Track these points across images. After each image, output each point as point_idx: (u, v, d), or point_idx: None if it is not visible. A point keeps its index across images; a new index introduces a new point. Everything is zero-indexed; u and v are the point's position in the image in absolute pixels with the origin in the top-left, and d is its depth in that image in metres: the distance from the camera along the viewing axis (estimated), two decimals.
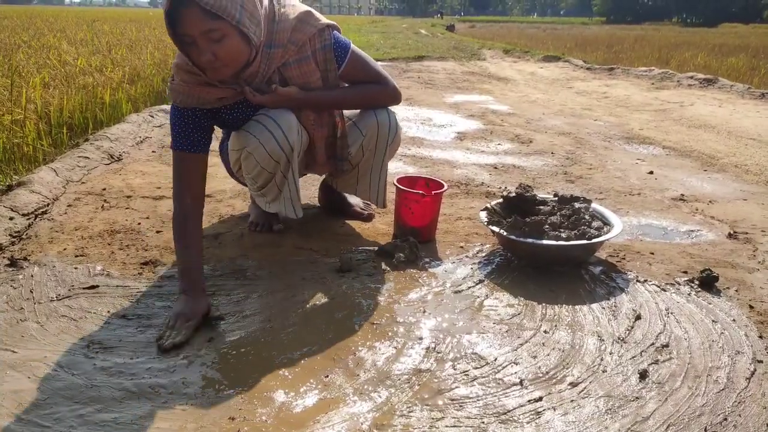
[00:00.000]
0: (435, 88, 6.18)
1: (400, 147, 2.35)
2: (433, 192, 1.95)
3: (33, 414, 1.12)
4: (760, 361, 1.35)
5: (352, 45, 1.81)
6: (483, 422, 1.13)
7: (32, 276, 1.67)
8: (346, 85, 1.84)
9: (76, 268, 1.72)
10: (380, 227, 2.12)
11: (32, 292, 1.58)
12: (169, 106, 1.72)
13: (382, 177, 2.04)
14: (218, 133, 1.97)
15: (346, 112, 1.94)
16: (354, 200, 2.28)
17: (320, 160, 1.92)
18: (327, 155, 1.92)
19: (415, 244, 1.88)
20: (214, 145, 1.85)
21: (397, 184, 1.97)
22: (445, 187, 1.99)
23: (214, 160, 2.88)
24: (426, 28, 24.88)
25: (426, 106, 4.87)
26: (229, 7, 1.43)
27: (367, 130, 1.92)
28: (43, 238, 1.94)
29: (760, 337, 1.45)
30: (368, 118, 1.92)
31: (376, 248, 1.91)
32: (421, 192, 1.93)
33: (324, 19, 1.75)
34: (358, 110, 1.96)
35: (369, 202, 2.19)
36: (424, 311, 1.54)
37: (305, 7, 1.73)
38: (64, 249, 1.86)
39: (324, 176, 2.22)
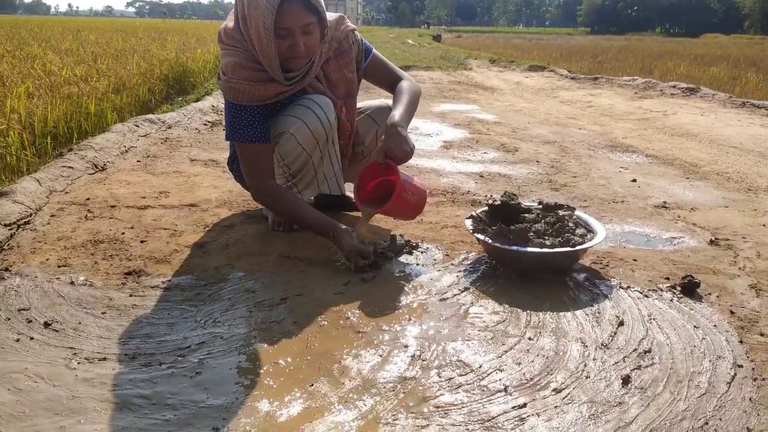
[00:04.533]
0: (421, 97, 6.21)
1: None
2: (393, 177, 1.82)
3: (13, 426, 1.10)
4: (741, 366, 1.36)
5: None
6: (468, 429, 1.13)
7: (13, 287, 1.65)
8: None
9: (58, 279, 1.71)
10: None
11: (13, 303, 1.56)
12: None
13: None
14: (226, 147, 1.97)
15: (361, 105, 2.18)
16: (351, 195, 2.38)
17: (344, 151, 2.07)
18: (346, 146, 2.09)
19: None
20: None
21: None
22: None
23: (197, 170, 2.87)
24: (413, 38, 25.03)
25: None
26: (320, 4, 1.74)
27: (382, 120, 2.07)
28: (25, 248, 1.92)
29: (741, 342, 1.47)
30: (384, 111, 2.09)
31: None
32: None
33: (350, 23, 2.03)
34: (374, 104, 2.20)
35: None
36: (410, 319, 1.55)
37: (337, 14, 2.00)
38: (47, 259, 1.84)
39: None
